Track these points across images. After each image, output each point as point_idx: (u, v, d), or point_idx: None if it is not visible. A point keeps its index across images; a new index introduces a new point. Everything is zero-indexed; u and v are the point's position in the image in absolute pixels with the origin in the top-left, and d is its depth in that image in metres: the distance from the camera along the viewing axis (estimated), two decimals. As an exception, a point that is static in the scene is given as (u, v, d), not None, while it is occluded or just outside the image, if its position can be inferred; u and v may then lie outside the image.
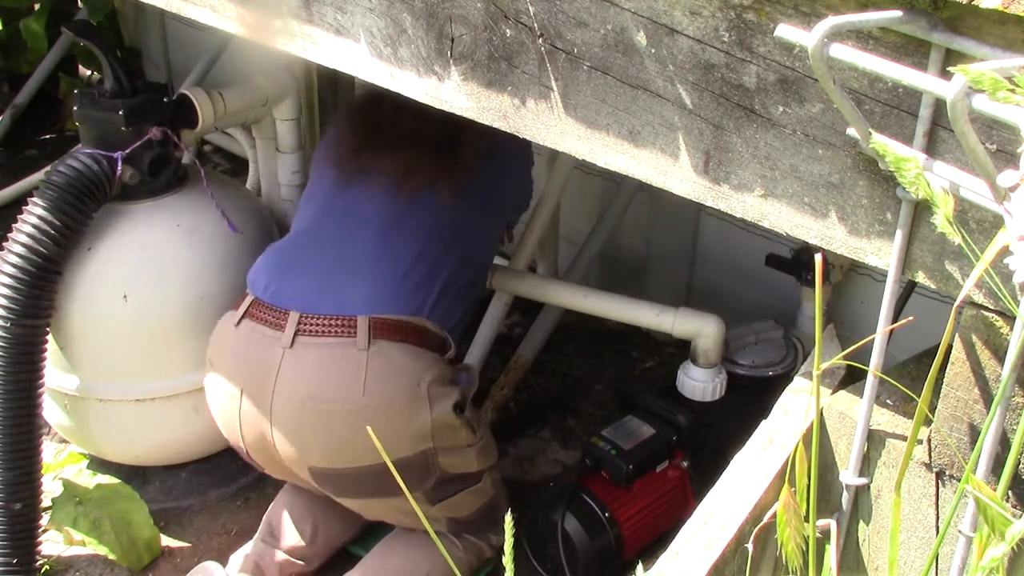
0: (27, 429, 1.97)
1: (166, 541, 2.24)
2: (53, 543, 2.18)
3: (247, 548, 2.11)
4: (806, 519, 1.04)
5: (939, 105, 1.03)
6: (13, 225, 1.97)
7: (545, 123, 1.33)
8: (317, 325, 1.85)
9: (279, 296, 1.90)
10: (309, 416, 1.83)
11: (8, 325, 1.92)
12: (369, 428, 1.19)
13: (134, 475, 2.32)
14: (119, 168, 2.06)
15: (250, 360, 1.89)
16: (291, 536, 2.09)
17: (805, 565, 1.04)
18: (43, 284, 1.97)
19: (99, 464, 2.31)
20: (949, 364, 1.15)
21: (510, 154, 2.14)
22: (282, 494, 2.17)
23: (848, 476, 1.31)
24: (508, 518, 0.99)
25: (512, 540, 0.97)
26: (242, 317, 1.92)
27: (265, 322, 1.88)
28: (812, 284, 2.27)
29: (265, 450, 1.92)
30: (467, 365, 2.13)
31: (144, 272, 2.11)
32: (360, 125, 2.10)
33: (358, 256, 1.93)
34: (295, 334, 1.84)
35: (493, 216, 2.17)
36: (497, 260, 2.51)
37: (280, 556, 2.07)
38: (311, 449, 1.86)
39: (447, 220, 2.00)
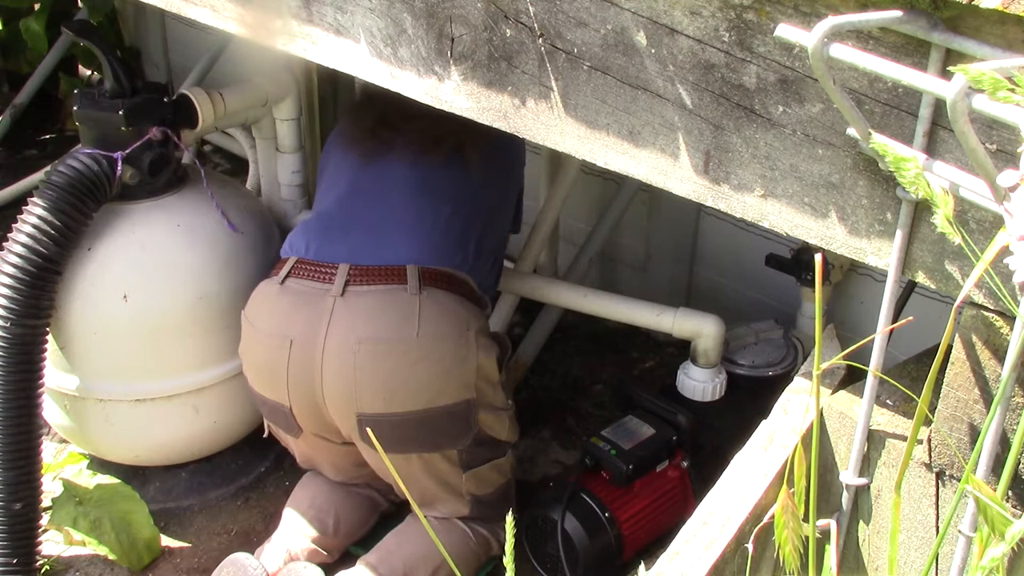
0: (27, 429, 1.96)
1: (166, 541, 2.24)
2: (53, 543, 2.18)
3: (275, 538, 2.10)
4: (805, 519, 1.04)
5: (939, 105, 1.03)
6: (13, 225, 1.97)
7: (545, 123, 1.33)
8: (367, 275, 1.88)
9: (323, 253, 1.94)
10: (364, 357, 1.84)
11: (8, 325, 1.92)
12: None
13: (134, 475, 2.31)
14: (119, 168, 2.05)
15: (299, 311, 1.89)
16: (316, 527, 2.10)
17: (805, 565, 1.04)
18: (43, 284, 1.96)
19: (99, 464, 2.31)
20: (949, 364, 1.15)
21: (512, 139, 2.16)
22: (301, 487, 2.17)
23: (848, 476, 1.31)
24: (509, 518, 0.99)
25: (513, 540, 0.97)
26: (286, 276, 1.94)
27: (313, 276, 1.91)
28: (812, 284, 2.27)
29: (312, 402, 1.91)
30: (498, 333, 2.14)
31: (144, 272, 2.10)
32: (368, 109, 2.13)
33: (398, 213, 1.97)
34: (345, 284, 1.87)
35: (511, 185, 2.22)
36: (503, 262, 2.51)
37: (309, 545, 2.08)
38: (363, 392, 1.85)
39: (473, 182, 2.05)
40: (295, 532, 2.10)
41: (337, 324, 1.85)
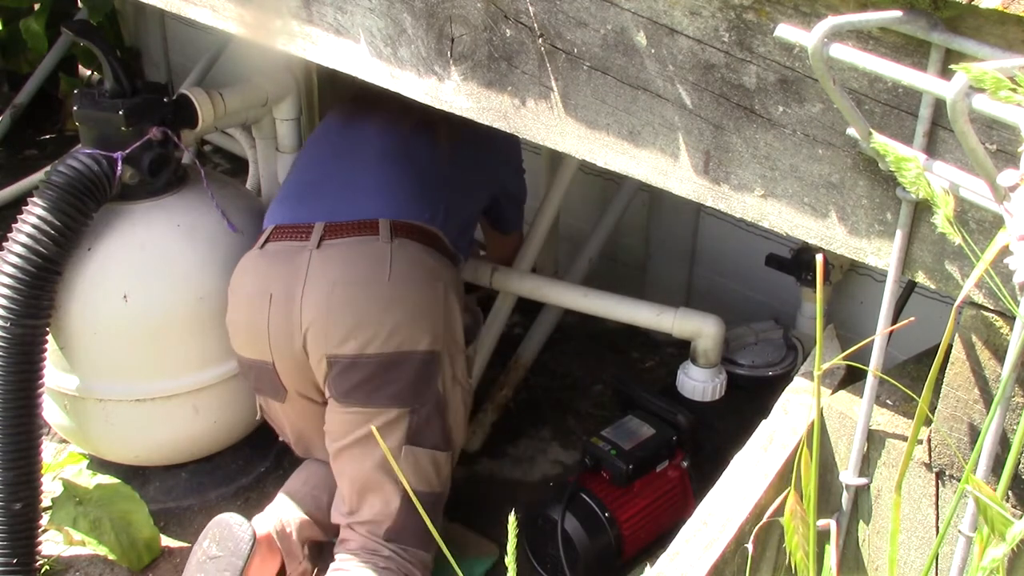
0: (27, 429, 1.96)
1: (166, 541, 2.24)
2: (53, 543, 2.18)
3: (268, 509, 2.10)
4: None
5: (939, 105, 1.03)
6: (13, 225, 1.97)
7: (545, 123, 1.33)
8: (341, 230, 1.97)
9: (299, 215, 2.02)
10: (337, 297, 1.90)
11: (8, 325, 1.92)
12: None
13: (134, 475, 2.32)
14: (119, 168, 2.05)
15: (277, 268, 1.97)
16: (310, 503, 2.10)
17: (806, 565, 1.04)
18: (43, 284, 1.96)
19: (99, 464, 2.31)
20: (949, 364, 1.15)
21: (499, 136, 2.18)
22: (297, 471, 2.19)
23: (848, 476, 1.31)
24: (511, 519, 0.98)
25: (515, 541, 0.97)
26: (265, 242, 2.02)
27: (290, 237, 1.99)
28: (812, 284, 2.27)
29: (292, 354, 1.95)
30: (471, 304, 2.20)
31: (144, 272, 2.10)
32: (351, 93, 2.20)
33: (369, 174, 2.07)
34: (321, 239, 1.95)
35: (487, 176, 2.28)
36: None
37: (302, 516, 2.08)
38: (336, 332, 1.89)
39: (443, 158, 2.13)
40: (288, 505, 2.09)
41: (313, 273, 1.93)
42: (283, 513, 2.08)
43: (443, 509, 2.08)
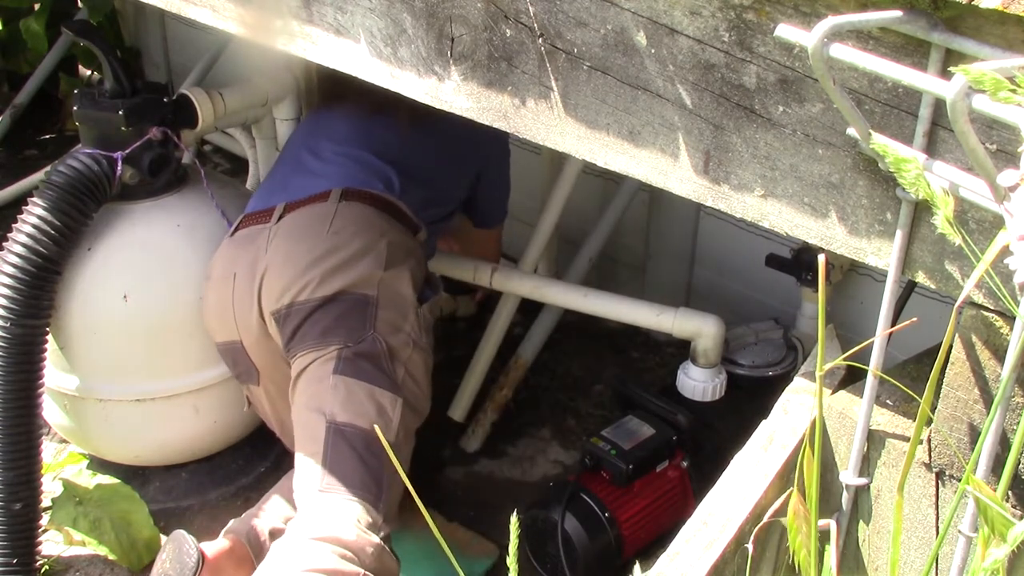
0: (27, 429, 1.96)
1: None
2: (53, 543, 2.18)
3: (245, 515, 2.05)
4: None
5: (939, 105, 1.03)
6: (13, 225, 1.97)
7: (545, 123, 1.33)
8: (298, 205, 2.05)
9: (265, 202, 2.10)
10: (279, 258, 1.96)
11: (8, 325, 1.92)
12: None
13: (134, 475, 2.31)
14: (119, 168, 2.06)
15: (242, 249, 2.04)
16: (288, 510, 2.05)
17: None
18: (43, 284, 1.97)
19: (99, 464, 2.31)
20: (949, 364, 1.15)
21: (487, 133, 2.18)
22: (283, 480, 2.15)
23: (848, 476, 1.31)
24: (514, 519, 0.98)
25: (516, 541, 0.97)
26: (236, 230, 2.10)
27: (256, 221, 2.07)
28: (812, 284, 2.27)
29: (256, 328, 1.98)
30: (432, 274, 2.20)
31: (144, 272, 2.11)
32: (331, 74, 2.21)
33: (329, 153, 2.15)
34: (280, 217, 2.04)
35: (451, 159, 2.30)
36: (504, 261, 2.51)
37: (276, 524, 2.01)
38: (276, 287, 1.94)
39: (401, 139, 2.19)
40: (268, 511, 2.04)
41: (273, 245, 1.99)
42: (260, 518, 2.05)
43: (407, 467, 1.88)
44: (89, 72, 3.72)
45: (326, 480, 1.77)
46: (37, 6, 3.29)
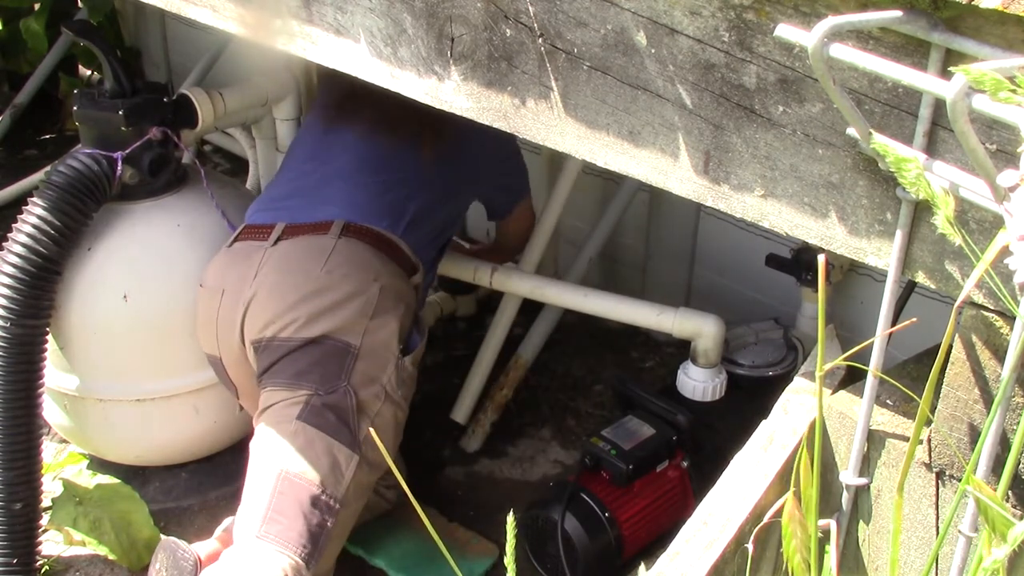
0: (27, 429, 1.96)
1: (166, 541, 2.24)
2: (53, 543, 2.18)
3: (228, 520, 2.05)
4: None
5: (939, 105, 1.03)
6: (13, 225, 1.97)
7: (545, 123, 1.33)
8: (298, 230, 2.00)
9: (267, 217, 2.06)
10: (268, 288, 1.93)
11: (8, 325, 1.92)
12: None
13: (134, 475, 2.32)
14: (119, 168, 2.06)
15: (235, 264, 2.01)
16: None
17: (806, 566, 1.04)
18: (43, 284, 1.97)
19: (99, 464, 2.31)
20: (949, 364, 1.15)
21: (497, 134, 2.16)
22: None
23: (848, 476, 1.31)
24: (510, 519, 0.98)
25: (514, 541, 0.97)
26: (234, 241, 2.06)
27: (254, 236, 2.03)
28: (812, 284, 2.27)
29: (232, 346, 1.97)
30: (421, 322, 2.11)
31: (144, 272, 2.11)
32: (340, 81, 2.14)
33: (340, 178, 2.08)
34: (278, 239, 1.99)
35: (466, 182, 2.26)
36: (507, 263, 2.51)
37: None
38: (260, 318, 1.91)
39: (423, 165, 2.12)
40: None
41: (264, 270, 1.96)
42: None
43: (354, 522, 1.90)
44: (89, 72, 3.72)
45: (264, 527, 1.76)
46: (37, 6, 3.29)
